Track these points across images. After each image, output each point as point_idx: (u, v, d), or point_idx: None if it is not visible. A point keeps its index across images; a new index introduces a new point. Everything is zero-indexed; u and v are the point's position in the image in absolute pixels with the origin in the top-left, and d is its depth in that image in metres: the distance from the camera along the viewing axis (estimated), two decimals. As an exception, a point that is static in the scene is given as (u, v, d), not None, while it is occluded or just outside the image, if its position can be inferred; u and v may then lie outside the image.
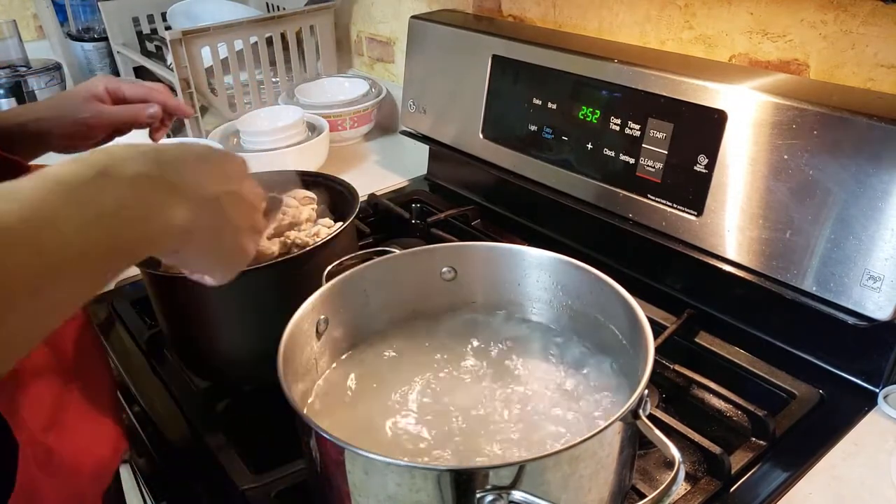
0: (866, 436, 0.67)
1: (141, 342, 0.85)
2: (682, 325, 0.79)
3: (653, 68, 0.81)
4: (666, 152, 0.80)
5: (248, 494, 0.63)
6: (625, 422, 0.49)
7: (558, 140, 0.93)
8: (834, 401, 0.71)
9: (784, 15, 0.79)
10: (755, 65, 0.84)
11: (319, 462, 0.52)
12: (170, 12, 1.55)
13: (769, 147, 0.71)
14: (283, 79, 1.48)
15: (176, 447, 0.71)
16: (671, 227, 0.81)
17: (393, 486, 0.46)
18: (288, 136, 1.23)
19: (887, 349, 0.70)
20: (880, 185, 0.64)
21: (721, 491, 0.61)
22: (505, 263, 0.69)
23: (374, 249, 0.70)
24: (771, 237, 0.72)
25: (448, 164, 1.19)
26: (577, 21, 1.03)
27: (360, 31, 1.55)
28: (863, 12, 0.72)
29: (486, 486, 0.44)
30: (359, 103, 1.39)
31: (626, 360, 0.60)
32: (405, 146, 1.26)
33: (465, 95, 1.07)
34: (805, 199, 0.69)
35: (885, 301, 0.65)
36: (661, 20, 0.92)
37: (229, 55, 1.37)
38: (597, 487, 0.50)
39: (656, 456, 0.68)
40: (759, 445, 0.65)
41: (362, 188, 0.75)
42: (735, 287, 0.78)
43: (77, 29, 1.72)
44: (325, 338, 0.63)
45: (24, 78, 1.46)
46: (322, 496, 0.55)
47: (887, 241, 0.64)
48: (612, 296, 0.60)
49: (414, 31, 1.15)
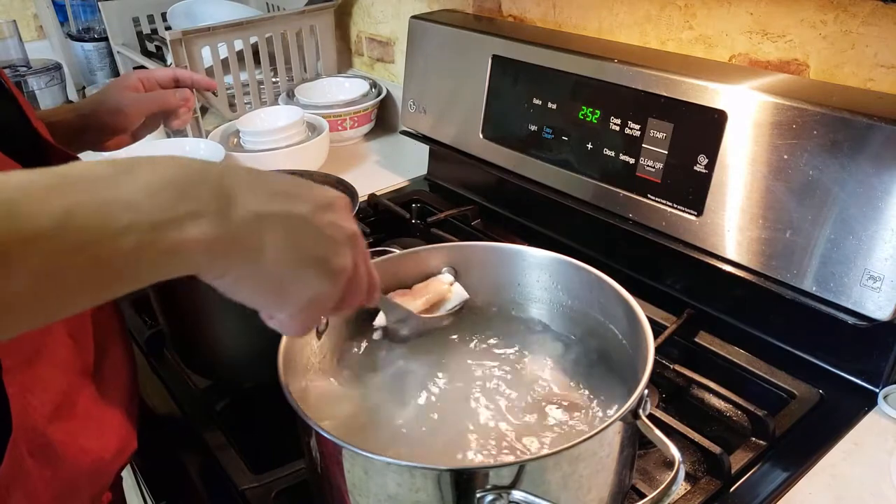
0: (866, 436, 0.67)
1: (141, 342, 0.85)
2: (681, 325, 0.79)
3: (653, 68, 0.81)
4: (666, 152, 0.80)
5: (248, 494, 0.63)
6: (625, 421, 0.49)
7: (558, 140, 0.93)
8: (834, 401, 0.71)
9: (784, 15, 0.79)
10: (755, 65, 0.84)
11: (319, 462, 0.52)
12: (170, 12, 1.55)
13: (769, 147, 0.71)
14: (283, 79, 1.48)
15: (176, 447, 0.71)
16: (671, 227, 0.81)
17: (393, 485, 0.46)
18: (288, 136, 1.23)
19: (887, 349, 0.70)
20: (880, 185, 0.64)
21: (721, 491, 0.61)
22: (505, 263, 0.69)
23: (374, 249, 0.70)
24: (771, 237, 0.72)
25: (448, 164, 1.19)
26: (577, 21, 1.03)
27: (360, 31, 1.55)
28: (863, 12, 0.73)
29: (486, 486, 0.44)
30: (359, 103, 1.39)
31: (626, 359, 0.60)
32: (405, 146, 1.26)
33: (465, 95, 1.07)
34: (805, 199, 0.69)
35: (885, 301, 0.65)
36: (661, 20, 0.92)
37: (229, 55, 1.37)
38: (597, 487, 0.50)
39: (656, 456, 0.68)
40: (759, 445, 0.65)
41: (362, 188, 0.75)
42: (735, 287, 0.78)
43: (77, 29, 1.72)
44: (326, 337, 0.63)
45: (25, 78, 1.46)
46: (322, 496, 0.55)
47: (887, 241, 0.64)
48: (612, 296, 0.60)
49: (414, 31, 1.15)
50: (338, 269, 0.44)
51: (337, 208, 0.45)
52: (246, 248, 0.39)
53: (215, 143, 1.22)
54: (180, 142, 1.25)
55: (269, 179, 0.42)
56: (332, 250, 0.44)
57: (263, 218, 0.39)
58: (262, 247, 0.39)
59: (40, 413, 0.52)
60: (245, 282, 0.41)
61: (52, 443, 0.53)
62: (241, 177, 0.40)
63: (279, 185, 0.42)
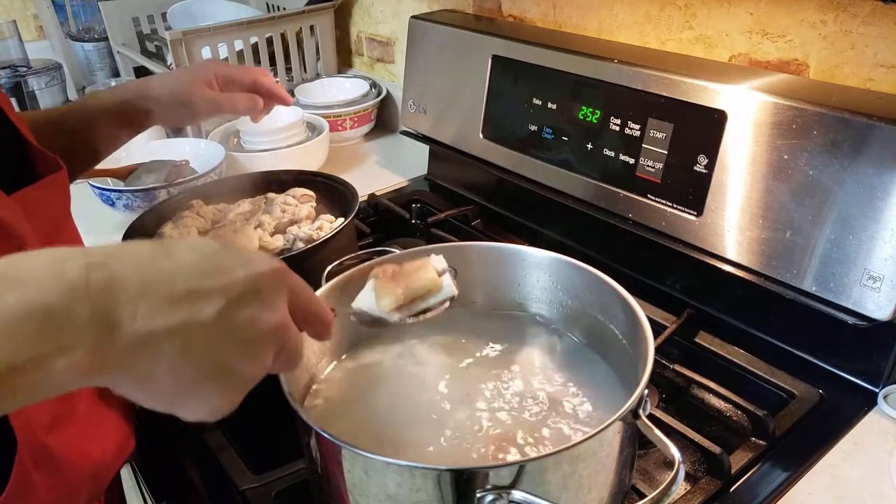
0: (866, 436, 0.67)
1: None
2: (681, 325, 0.79)
3: (653, 68, 0.81)
4: (666, 152, 0.80)
5: (248, 494, 0.63)
6: (625, 422, 0.49)
7: (558, 140, 0.93)
8: (834, 401, 0.71)
9: (784, 15, 0.79)
10: (755, 65, 0.84)
11: (319, 462, 0.52)
12: (170, 12, 1.55)
13: (769, 147, 0.71)
14: (283, 79, 1.48)
15: (176, 447, 0.71)
16: (671, 227, 0.81)
17: (393, 485, 0.46)
18: (288, 136, 1.23)
19: (887, 349, 0.70)
20: (880, 185, 0.64)
21: (721, 491, 0.61)
22: (505, 263, 0.69)
23: (374, 249, 0.70)
24: (771, 237, 0.72)
25: (448, 164, 1.19)
26: (577, 21, 1.03)
27: (360, 31, 1.55)
28: (863, 12, 0.72)
29: (487, 486, 0.44)
30: (359, 103, 1.39)
31: (626, 359, 0.60)
32: (405, 146, 1.26)
33: (465, 95, 1.07)
34: (805, 199, 0.69)
35: (885, 301, 0.65)
36: (661, 20, 0.92)
37: (229, 55, 1.37)
38: (597, 487, 0.50)
39: (656, 456, 0.68)
40: (759, 445, 0.65)
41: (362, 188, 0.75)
42: (735, 287, 0.78)
43: (77, 29, 1.72)
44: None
45: (25, 78, 1.46)
46: (322, 496, 0.55)
47: (887, 240, 0.64)
48: (612, 296, 0.60)
49: (414, 31, 1.15)
50: (248, 372, 0.38)
51: (261, 294, 0.38)
52: (133, 372, 0.34)
53: (215, 143, 1.22)
54: (180, 142, 1.25)
55: (173, 274, 0.35)
56: (242, 353, 0.37)
57: (155, 337, 0.33)
58: (151, 370, 0.34)
59: (40, 424, 0.52)
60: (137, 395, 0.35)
61: (53, 451, 0.53)
62: (134, 280, 0.33)
63: (184, 283, 0.35)
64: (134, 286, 0.33)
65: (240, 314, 0.36)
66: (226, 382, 0.37)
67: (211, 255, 0.37)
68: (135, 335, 0.33)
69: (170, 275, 0.35)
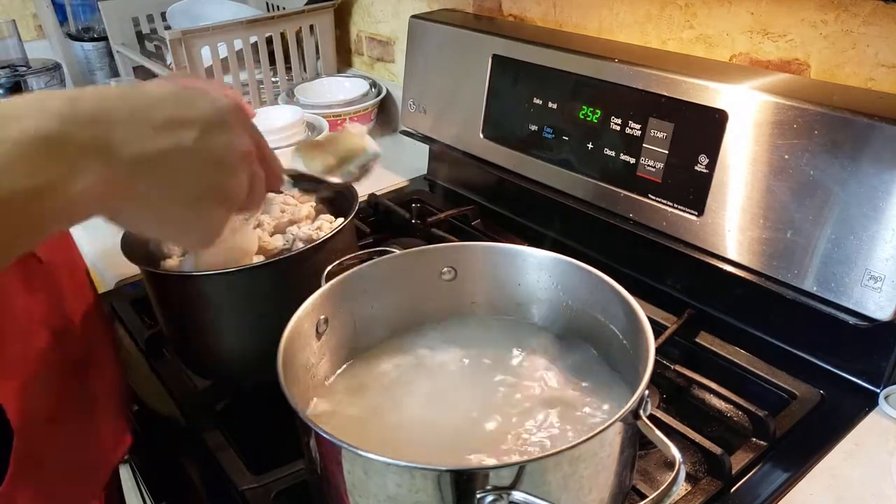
0: (867, 436, 0.67)
1: (140, 342, 0.85)
2: (682, 325, 0.79)
3: (653, 68, 0.81)
4: (666, 152, 0.80)
5: (247, 494, 0.63)
6: (625, 422, 0.49)
7: (559, 140, 0.93)
8: (834, 401, 0.71)
9: (785, 15, 0.79)
10: (756, 64, 0.84)
11: (319, 462, 0.52)
12: (170, 12, 1.55)
13: (770, 147, 0.71)
14: (283, 79, 1.48)
15: (175, 448, 0.71)
16: (671, 227, 0.81)
17: (393, 486, 0.46)
18: (288, 136, 1.23)
19: (888, 349, 0.70)
20: (881, 185, 0.64)
21: (721, 491, 0.61)
22: (505, 263, 0.69)
23: (374, 249, 0.70)
24: (771, 237, 0.72)
25: (448, 164, 1.19)
26: (578, 21, 1.03)
27: (360, 30, 1.55)
28: (864, 12, 0.72)
29: (487, 487, 0.44)
30: (359, 103, 1.39)
31: (627, 360, 0.60)
32: (405, 146, 1.25)
33: (465, 95, 1.06)
34: (806, 199, 0.69)
35: (886, 301, 0.65)
36: (662, 20, 0.92)
37: (229, 55, 1.37)
38: (597, 488, 0.50)
39: (657, 456, 0.67)
40: (760, 446, 0.65)
41: (362, 188, 0.74)
42: (735, 287, 0.78)
43: (77, 29, 1.72)
44: (325, 338, 0.63)
45: (24, 78, 1.46)
46: (322, 497, 0.55)
47: (888, 240, 0.64)
48: (612, 296, 0.60)
49: (414, 30, 1.15)
50: (233, 190, 0.43)
51: (228, 124, 0.42)
52: (131, 192, 0.37)
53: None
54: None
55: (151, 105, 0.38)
56: (225, 174, 0.42)
57: (145, 160, 0.37)
58: (147, 190, 0.38)
59: (37, 418, 0.52)
60: (140, 221, 0.40)
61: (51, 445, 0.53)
62: (118, 109, 0.36)
63: (162, 113, 0.38)
64: (119, 114, 0.36)
65: (216, 139, 0.40)
66: (213, 202, 0.42)
67: (177, 91, 0.40)
68: (131, 158, 0.36)
69: (147, 106, 0.38)
